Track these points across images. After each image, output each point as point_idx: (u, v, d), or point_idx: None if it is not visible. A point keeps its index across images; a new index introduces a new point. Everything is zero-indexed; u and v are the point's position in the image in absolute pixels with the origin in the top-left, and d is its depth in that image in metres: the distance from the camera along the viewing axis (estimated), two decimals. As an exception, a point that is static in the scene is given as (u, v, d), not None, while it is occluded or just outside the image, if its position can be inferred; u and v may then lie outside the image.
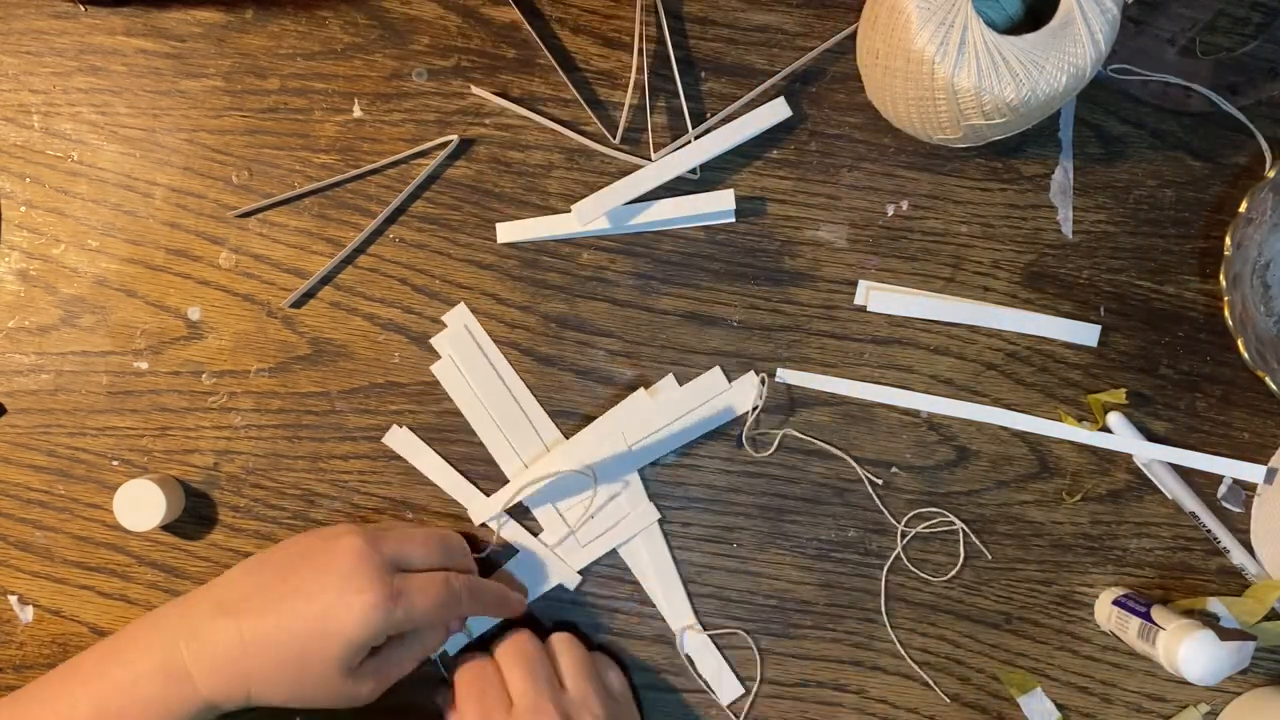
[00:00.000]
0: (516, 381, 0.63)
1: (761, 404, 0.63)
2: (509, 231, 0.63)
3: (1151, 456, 0.63)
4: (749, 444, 0.63)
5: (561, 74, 0.62)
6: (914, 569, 0.64)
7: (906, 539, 0.64)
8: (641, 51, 0.62)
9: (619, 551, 0.63)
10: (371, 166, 0.62)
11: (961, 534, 0.64)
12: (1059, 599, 0.64)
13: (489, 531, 0.63)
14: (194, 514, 0.63)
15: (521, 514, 0.63)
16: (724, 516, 0.64)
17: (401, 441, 0.63)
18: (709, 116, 0.63)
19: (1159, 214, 0.64)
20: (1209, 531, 0.63)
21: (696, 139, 0.62)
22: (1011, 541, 0.64)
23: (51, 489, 0.63)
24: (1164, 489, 0.64)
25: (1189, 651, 0.56)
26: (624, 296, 0.63)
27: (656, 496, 0.63)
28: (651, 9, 0.63)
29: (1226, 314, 0.61)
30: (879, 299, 0.63)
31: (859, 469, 0.63)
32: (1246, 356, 0.61)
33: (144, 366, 0.63)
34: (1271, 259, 0.63)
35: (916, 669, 0.64)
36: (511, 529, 0.63)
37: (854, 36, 0.62)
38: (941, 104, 0.55)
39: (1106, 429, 0.63)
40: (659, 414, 0.63)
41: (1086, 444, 0.63)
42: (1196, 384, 0.64)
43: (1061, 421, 0.63)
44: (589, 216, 0.61)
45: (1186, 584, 0.64)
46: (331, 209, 0.63)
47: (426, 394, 0.63)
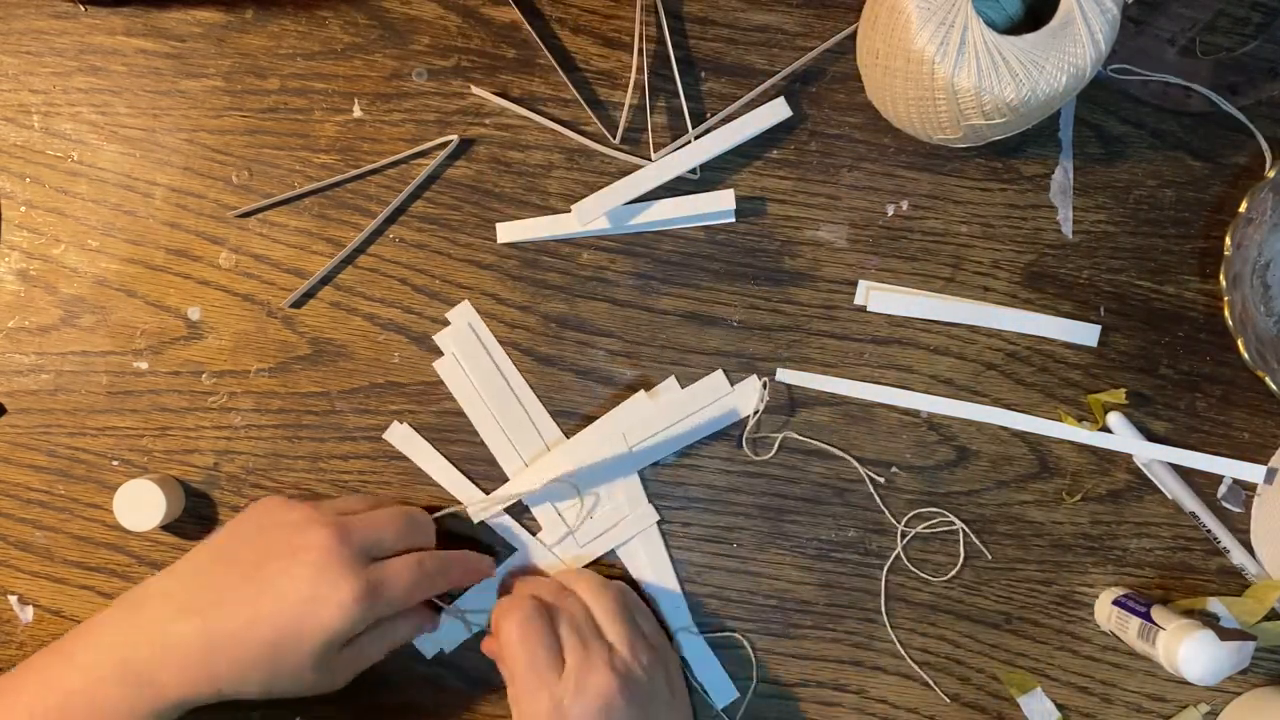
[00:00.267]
0: (519, 380, 0.63)
1: (762, 408, 0.63)
2: (509, 231, 0.63)
3: (1151, 456, 0.63)
4: (749, 447, 0.63)
5: (561, 74, 0.62)
6: (914, 569, 0.64)
7: (906, 539, 0.64)
8: (641, 51, 0.62)
9: (617, 552, 0.63)
10: (371, 166, 0.62)
11: (961, 534, 0.64)
12: (1059, 599, 0.64)
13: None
14: (194, 514, 0.63)
15: (520, 512, 0.63)
16: (724, 516, 0.64)
17: (401, 438, 0.63)
18: (709, 116, 0.63)
19: (1159, 214, 0.64)
20: (1209, 531, 0.63)
21: (696, 139, 0.62)
22: (1011, 541, 0.64)
23: (51, 489, 0.63)
24: (1164, 489, 0.64)
25: (1189, 651, 0.56)
26: (624, 296, 0.63)
27: (656, 496, 0.63)
28: (651, 9, 0.63)
29: (1226, 314, 0.61)
30: (879, 299, 0.63)
31: (860, 468, 0.63)
32: (1246, 356, 0.61)
33: (144, 366, 0.63)
34: (1271, 259, 0.63)
35: (916, 669, 0.64)
36: (510, 528, 0.63)
37: (854, 36, 0.62)
38: (941, 104, 0.55)
39: (1106, 429, 0.63)
40: (660, 416, 0.63)
41: (1086, 444, 0.63)
42: (1196, 384, 0.64)
43: (1061, 421, 0.63)
44: (589, 216, 0.61)
45: (1186, 584, 0.64)
46: (331, 209, 0.63)
47: (427, 394, 0.63)
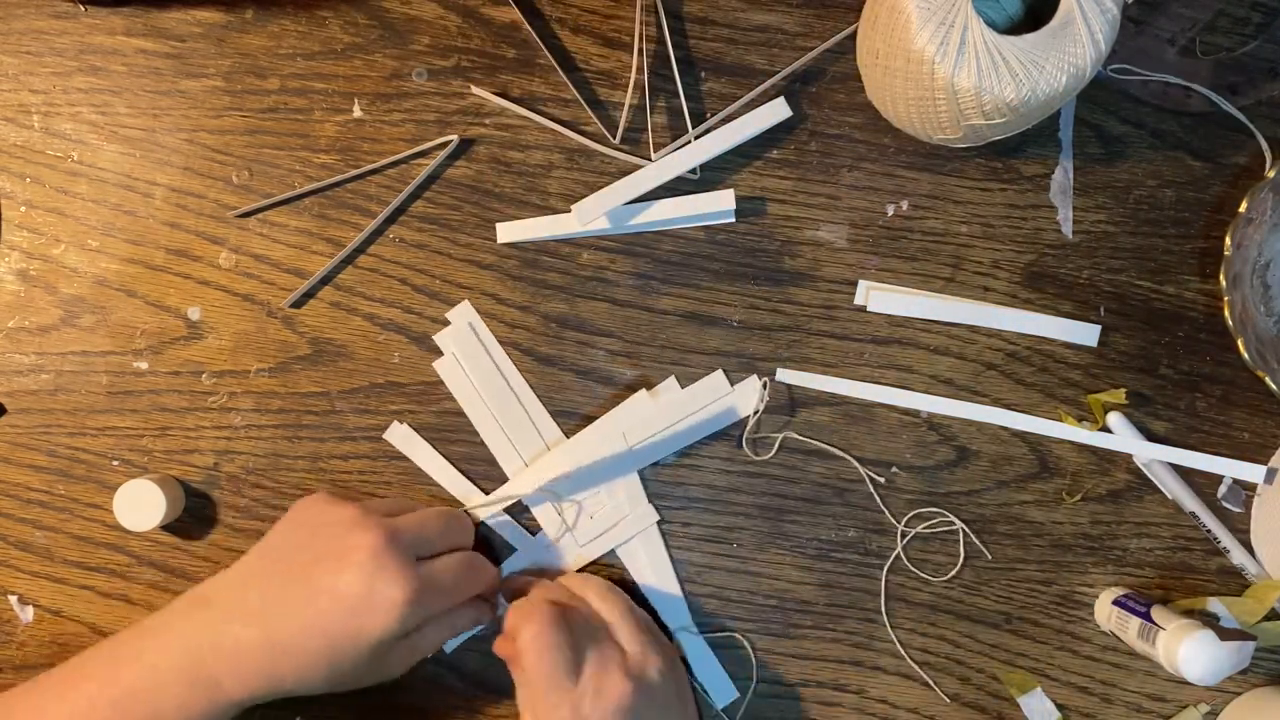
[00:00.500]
0: (519, 379, 0.63)
1: (762, 409, 0.63)
2: (509, 231, 0.63)
3: (1151, 456, 0.63)
4: (749, 447, 0.63)
5: (561, 74, 0.62)
6: (914, 569, 0.64)
7: (906, 539, 0.64)
8: (641, 51, 0.62)
9: (617, 552, 0.63)
10: (371, 166, 0.62)
11: (961, 534, 0.64)
12: (1059, 599, 0.64)
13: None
14: (194, 514, 0.63)
15: (520, 512, 0.63)
16: (724, 516, 0.64)
17: (401, 438, 0.63)
18: (709, 116, 0.63)
19: (1159, 214, 0.64)
20: (1209, 531, 0.63)
21: (696, 139, 0.62)
22: (1011, 541, 0.64)
23: (51, 489, 0.63)
24: (1164, 489, 0.64)
25: (1189, 651, 0.56)
26: (624, 296, 0.63)
27: (656, 496, 0.63)
28: (651, 9, 0.63)
29: (1226, 314, 0.61)
30: (879, 299, 0.63)
31: (860, 468, 0.63)
32: (1246, 356, 0.61)
33: (144, 366, 0.63)
34: (1271, 259, 0.63)
35: (916, 669, 0.64)
36: (510, 528, 0.63)
37: (854, 36, 0.62)
38: (941, 104, 0.55)
39: (1106, 429, 0.63)
40: (660, 415, 0.63)
41: (1086, 444, 0.63)
42: (1196, 384, 0.64)
43: (1061, 421, 0.63)
44: (589, 216, 0.61)
45: (1186, 584, 0.64)
46: (331, 209, 0.63)
47: (426, 394, 0.63)
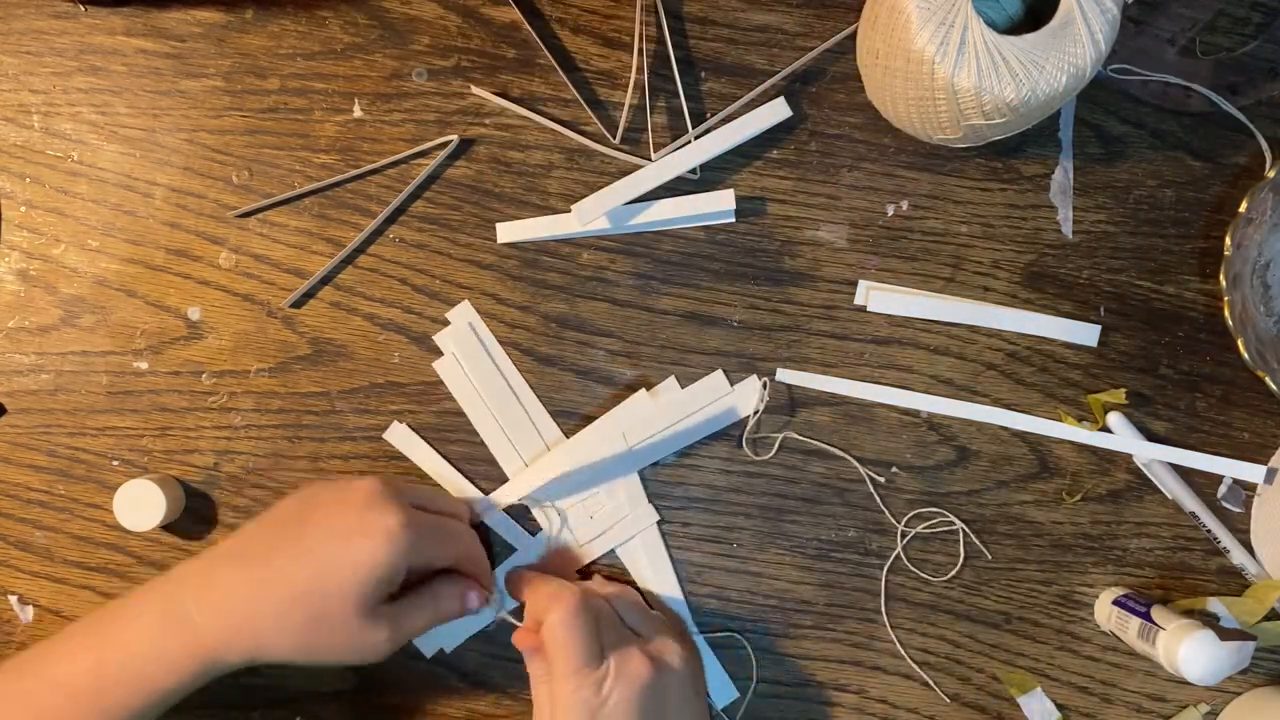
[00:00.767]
0: (519, 379, 0.63)
1: (762, 409, 0.62)
2: (509, 231, 0.63)
3: (1151, 456, 0.63)
4: (749, 447, 0.63)
5: (561, 74, 0.62)
6: (914, 569, 0.64)
7: (906, 539, 0.64)
8: (641, 51, 0.62)
9: (617, 552, 0.63)
10: (371, 166, 0.62)
11: (961, 534, 0.64)
12: (1059, 599, 0.64)
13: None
14: (194, 514, 0.63)
15: (520, 512, 0.63)
16: (724, 516, 0.64)
17: (401, 438, 0.63)
18: (709, 116, 0.63)
19: (1159, 214, 0.64)
20: (1209, 531, 0.63)
21: (696, 139, 0.62)
22: (1011, 541, 0.64)
23: (51, 489, 0.63)
24: (1164, 489, 0.64)
25: (1189, 651, 0.56)
26: (624, 296, 0.63)
27: (656, 496, 0.63)
28: (651, 9, 0.63)
29: (1226, 314, 0.61)
30: (879, 299, 0.63)
31: (860, 468, 0.63)
32: (1246, 356, 0.61)
33: (144, 366, 0.63)
34: (1271, 259, 0.63)
35: (916, 669, 0.64)
36: (510, 527, 0.63)
37: (854, 36, 0.62)
38: (941, 104, 0.55)
39: (1106, 429, 0.63)
40: (660, 415, 0.63)
41: (1086, 444, 0.63)
42: (1196, 384, 0.64)
43: (1061, 421, 0.63)
44: (589, 216, 0.61)
45: (1186, 584, 0.64)
46: (331, 209, 0.63)
47: (426, 394, 0.63)
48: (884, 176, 0.63)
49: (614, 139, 0.63)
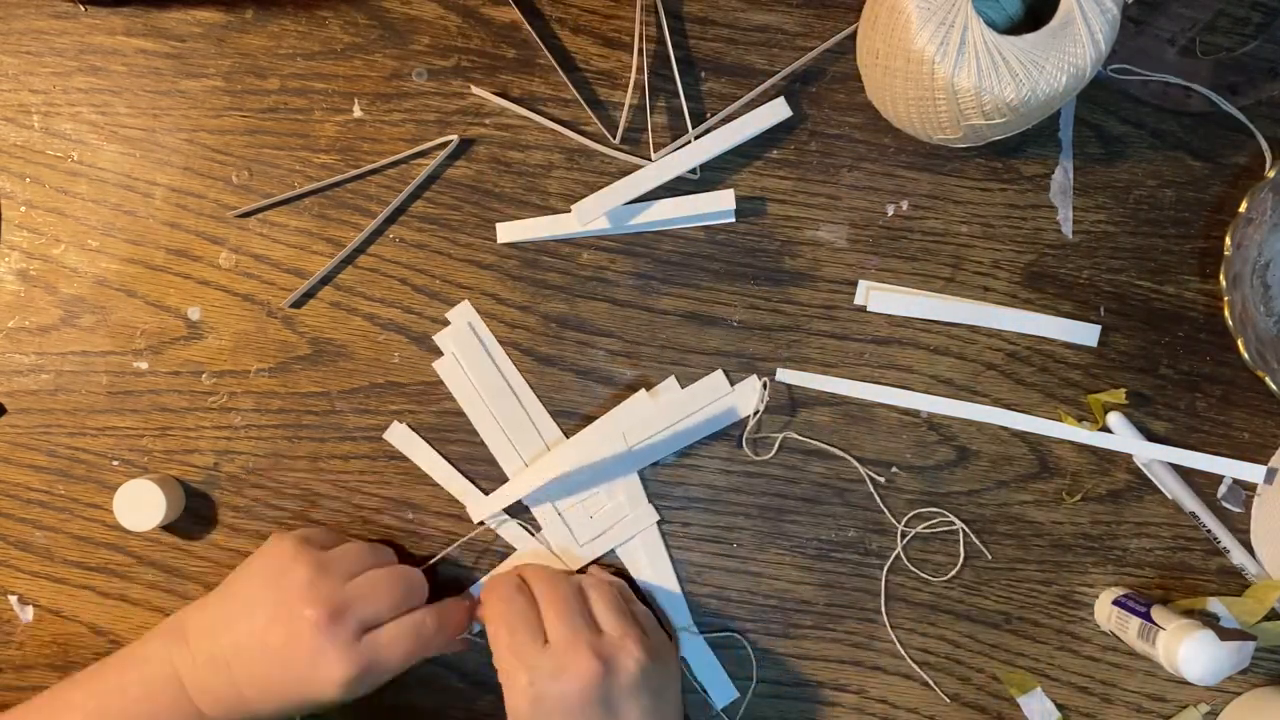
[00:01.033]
0: (519, 379, 0.63)
1: (763, 409, 0.62)
2: (509, 231, 0.63)
3: (1151, 456, 0.63)
4: (749, 447, 0.63)
5: (561, 74, 0.62)
6: (914, 569, 0.64)
7: (906, 539, 0.64)
8: (641, 51, 0.62)
9: (617, 552, 0.63)
10: (371, 166, 0.62)
11: (961, 534, 0.64)
12: (1059, 599, 0.64)
13: (484, 528, 0.63)
14: (194, 514, 0.63)
15: (520, 511, 0.63)
16: (724, 516, 0.64)
17: (401, 437, 0.63)
18: (709, 116, 0.63)
19: (1159, 214, 0.64)
20: (1209, 531, 0.63)
21: (696, 139, 0.62)
22: (1011, 541, 0.64)
23: (51, 489, 0.63)
24: (1164, 489, 0.64)
25: (1189, 651, 0.56)
26: (624, 296, 0.63)
27: (656, 496, 0.63)
28: (651, 9, 0.63)
29: (1226, 314, 0.61)
30: (879, 299, 0.63)
31: (860, 468, 0.63)
32: (1246, 356, 0.61)
33: (144, 366, 0.63)
34: (1271, 259, 0.63)
35: (916, 669, 0.64)
36: (510, 527, 0.63)
37: (854, 36, 0.62)
38: (941, 104, 0.55)
39: (1106, 429, 0.63)
40: (660, 415, 0.63)
41: (1086, 444, 0.63)
42: (1196, 384, 0.64)
43: (1061, 421, 0.63)
44: (589, 216, 0.61)
45: (1186, 584, 0.64)
46: (331, 209, 0.63)
47: (426, 394, 0.63)
48: (884, 176, 0.63)
49: (614, 139, 0.63)
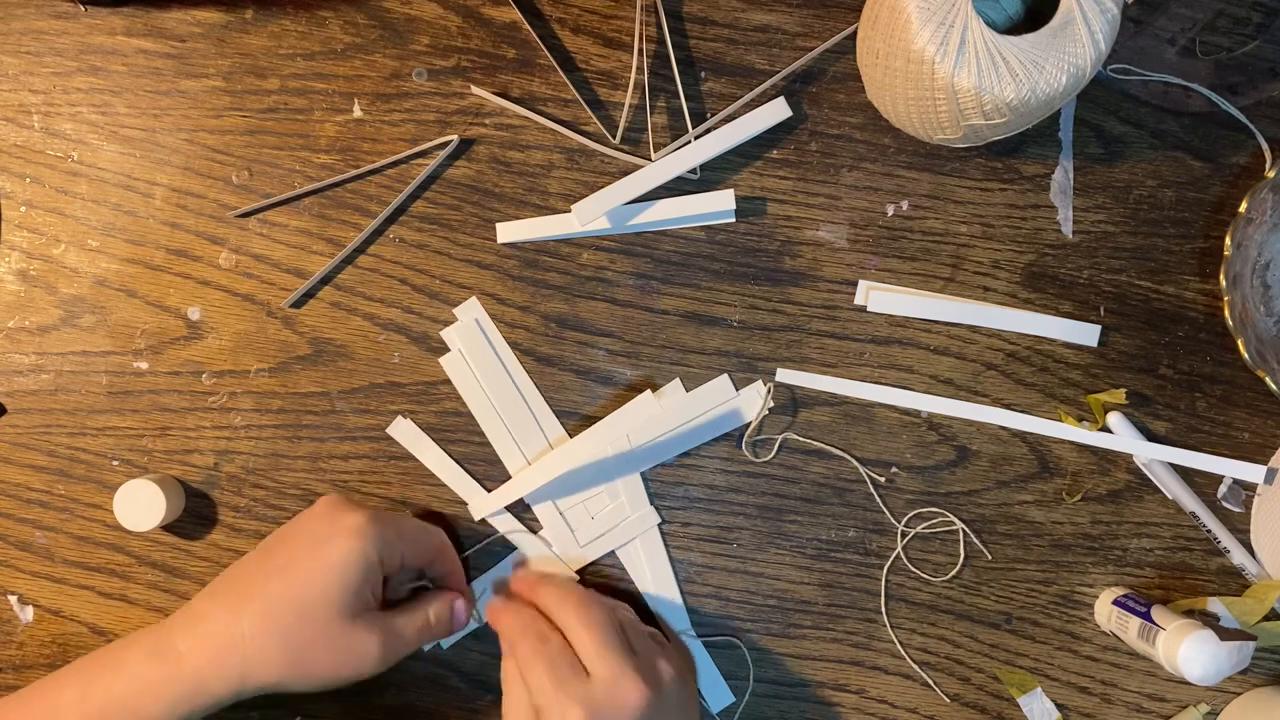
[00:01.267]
0: (524, 377, 0.63)
1: (765, 414, 0.62)
2: (509, 231, 0.63)
3: (1151, 456, 0.63)
4: (749, 449, 0.63)
5: (561, 74, 0.62)
6: (914, 569, 0.64)
7: (906, 539, 0.64)
8: (641, 51, 0.62)
9: (617, 553, 0.63)
10: (371, 166, 0.62)
11: (961, 534, 0.64)
12: (1059, 599, 0.64)
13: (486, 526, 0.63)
14: (194, 514, 0.63)
15: (521, 510, 0.63)
16: (724, 516, 0.64)
17: (405, 433, 0.63)
18: (709, 116, 0.63)
19: (1159, 214, 0.64)
20: (1209, 531, 0.63)
21: (696, 139, 0.62)
22: (1011, 541, 0.64)
23: (51, 489, 0.63)
24: (1164, 489, 0.64)
25: (1189, 651, 0.56)
26: (624, 296, 0.63)
27: (656, 496, 0.63)
28: (651, 9, 0.63)
29: (1226, 314, 0.61)
30: (879, 299, 0.63)
31: (860, 468, 0.63)
32: (1246, 356, 0.61)
33: (144, 366, 0.63)
34: (1271, 259, 0.63)
35: (916, 669, 0.64)
36: (510, 526, 0.63)
37: (854, 36, 0.62)
38: (941, 104, 0.55)
39: (1106, 429, 0.63)
40: (664, 418, 0.63)
41: (1086, 444, 0.63)
42: (1196, 384, 0.64)
43: (1061, 421, 0.63)
44: (589, 216, 0.61)
45: (1186, 584, 0.64)
46: (331, 209, 0.63)
47: (426, 394, 0.63)
48: (884, 176, 0.63)
49: (614, 139, 0.63)
